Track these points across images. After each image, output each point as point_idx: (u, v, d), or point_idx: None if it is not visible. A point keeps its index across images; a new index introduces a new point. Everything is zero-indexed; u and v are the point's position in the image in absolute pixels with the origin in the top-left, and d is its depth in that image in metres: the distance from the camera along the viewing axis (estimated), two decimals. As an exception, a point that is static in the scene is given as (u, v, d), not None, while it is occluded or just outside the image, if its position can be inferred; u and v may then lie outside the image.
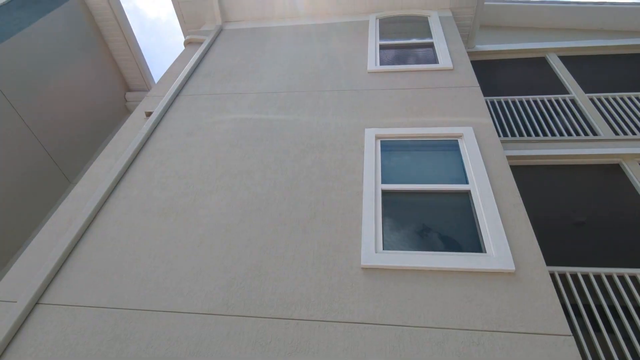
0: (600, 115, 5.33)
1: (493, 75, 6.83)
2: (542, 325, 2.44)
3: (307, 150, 3.93)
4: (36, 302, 2.83)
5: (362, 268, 2.83)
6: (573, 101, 5.75)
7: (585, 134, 5.24)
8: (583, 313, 3.26)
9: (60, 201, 6.04)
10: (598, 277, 3.70)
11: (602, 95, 5.68)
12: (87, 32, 6.99)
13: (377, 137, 3.98)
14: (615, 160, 4.76)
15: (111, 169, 3.89)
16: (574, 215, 5.42)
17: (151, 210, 3.48)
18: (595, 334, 3.17)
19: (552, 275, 3.68)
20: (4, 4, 5.89)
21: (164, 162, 3.99)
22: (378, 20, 6.41)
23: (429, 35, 5.85)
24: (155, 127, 4.47)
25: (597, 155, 4.74)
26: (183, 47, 6.43)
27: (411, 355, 2.35)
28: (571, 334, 2.40)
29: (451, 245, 3.03)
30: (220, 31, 6.65)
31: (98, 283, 2.94)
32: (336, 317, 2.57)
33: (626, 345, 3.19)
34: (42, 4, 6.29)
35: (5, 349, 2.59)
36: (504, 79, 6.89)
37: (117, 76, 7.80)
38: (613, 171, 4.77)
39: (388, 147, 3.92)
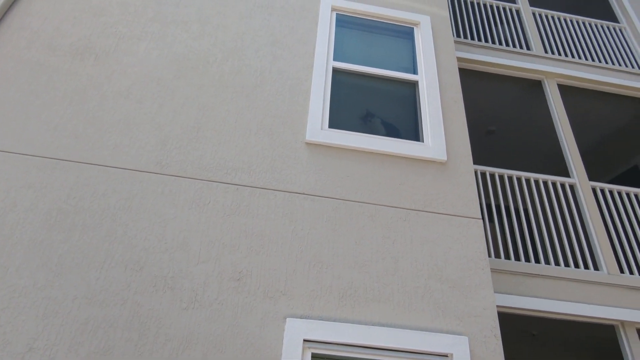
0: (537, 31, 5.52)
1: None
2: (460, 209, 2.75)
3: (254, 8, 3.47)
4: None
5: (307, 143, 2.80)
6: (518, 12, 5.82)
7: (521, 47, 5.45)
8: (492, 206, 3.78)
9: None
10: (510, 178, 4.22)
11: (543, 11, 5.82)
12: None
13: (333, 9, 3.64)
14: (538, 77, 5.11)
15: (0, -14, 3.04)
16: (489, 125, 5.92)
17: (62, 48, 2.89)
18: (498, 219, 3.70)
19: (476, 172, 4.11)
20: None
21: (75, -9, 3.22)
22: None
23: None
24: (60, -58, 3.49)
25: (526, 69, 5.01)
26: None
27: (345, 224, 2.52)
28: (481, 217, 2.76)
29: (393, 131, 3.10)
30: None
31: (2, 126, 2.48)
32: (277, 186, 2.58)
33: (518, 227, 3.84)
34: None
35: None
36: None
37: None
38: (535, 87, 5.16)
39: (343, 22, 3.64)
